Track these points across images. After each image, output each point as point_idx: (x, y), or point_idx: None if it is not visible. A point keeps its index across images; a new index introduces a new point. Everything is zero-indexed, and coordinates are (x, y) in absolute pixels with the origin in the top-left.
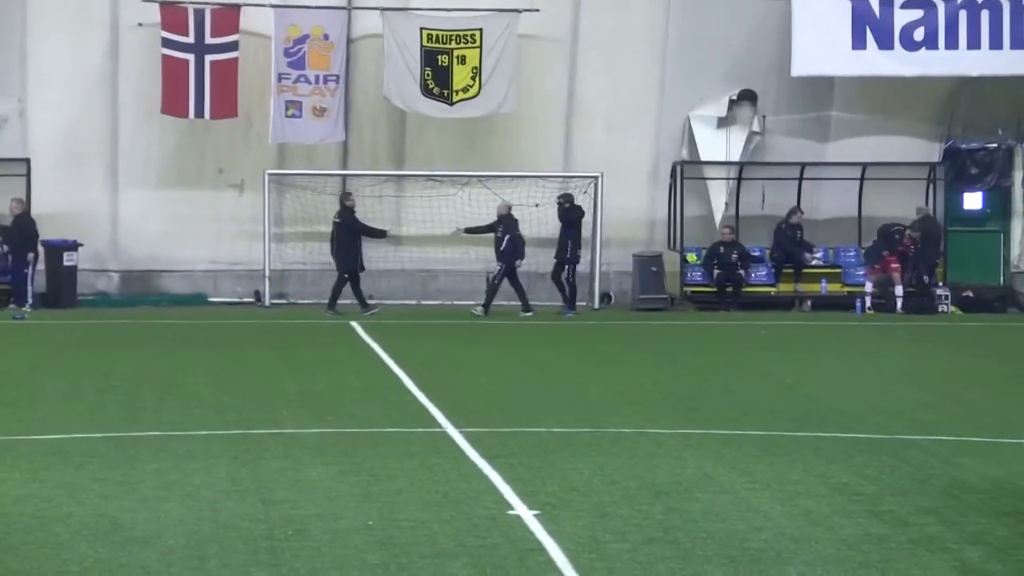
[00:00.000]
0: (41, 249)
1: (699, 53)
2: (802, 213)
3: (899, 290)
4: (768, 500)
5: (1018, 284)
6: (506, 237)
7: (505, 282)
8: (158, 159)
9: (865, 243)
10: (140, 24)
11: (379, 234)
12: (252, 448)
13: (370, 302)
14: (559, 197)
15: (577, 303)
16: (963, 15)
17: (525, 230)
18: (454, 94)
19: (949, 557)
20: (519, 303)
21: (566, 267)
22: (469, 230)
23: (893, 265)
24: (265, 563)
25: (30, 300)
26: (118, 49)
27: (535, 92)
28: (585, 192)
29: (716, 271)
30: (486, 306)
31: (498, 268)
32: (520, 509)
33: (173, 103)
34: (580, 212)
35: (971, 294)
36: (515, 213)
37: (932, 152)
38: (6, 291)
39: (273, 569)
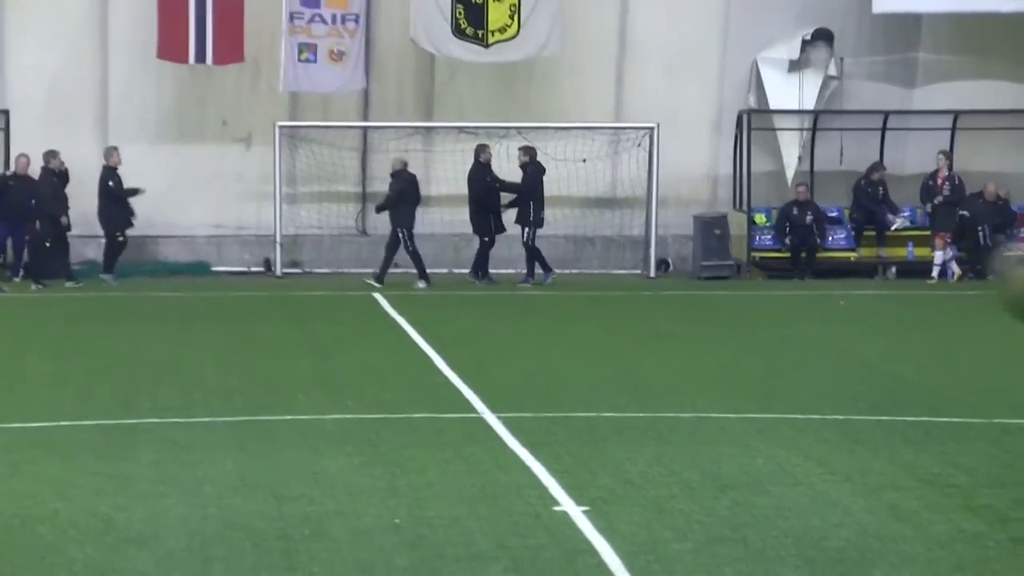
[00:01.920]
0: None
1: None
2: (884, 169)
3: (938, 257)
4: (848, 494)
5: None
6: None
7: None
8: (154, 111)
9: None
10: None
11: (514, 188)
12: (263, 437)
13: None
14: (520, 149)
15: (555, 270)
16: None
17: (572, 189)
18: (490, 35)
19: None
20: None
21: (526, 231)
22: (380, 208)
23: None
24: (278, 566)
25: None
26: None
27: (582, 32)
28: (639, 145)
29: (788, 234)
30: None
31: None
32: (567, 505)
33: (171, 47)
34: (542, 169)
35: None
36: (559, 169)
37: None
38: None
39: (287, 573)
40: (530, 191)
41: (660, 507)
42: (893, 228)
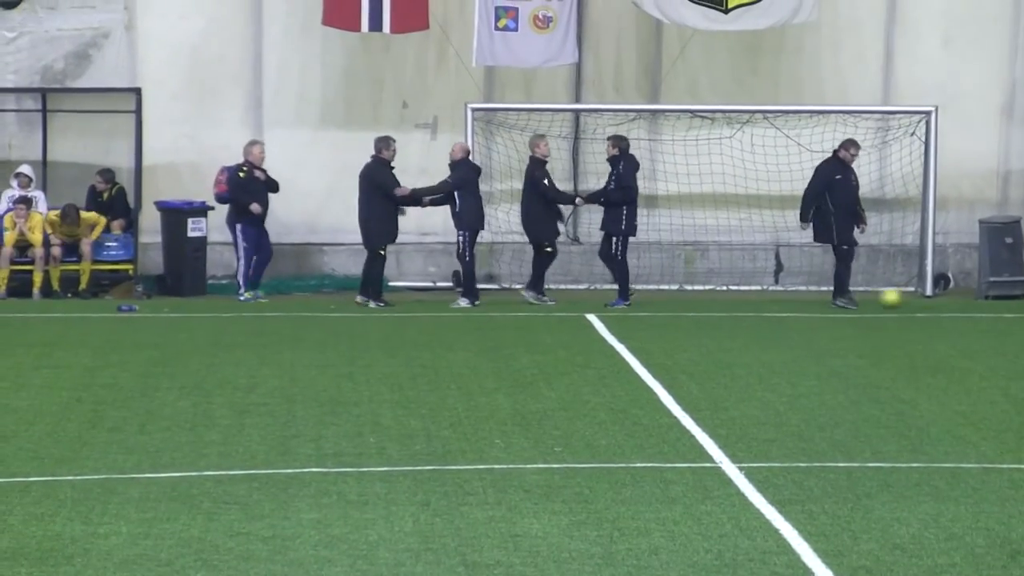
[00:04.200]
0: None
1: None
2: None
3: None
4: None
5: None
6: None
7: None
8: (318, 89)
9: None
10: None
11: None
12: (450, 491)
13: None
14: (609, 139)
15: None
16: None
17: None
18: None
19: None
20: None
21: (615, 240)
22: (425, 195)
23: None
24: None
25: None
26: None
27: None
28: (912, 133)
29: None
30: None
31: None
32: (824, 575)
33: (339, 11)
34: (636, 165)
35: None
36: (814, 162)
37: None
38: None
39: None
40: (626, 191)
41: None
42: None
